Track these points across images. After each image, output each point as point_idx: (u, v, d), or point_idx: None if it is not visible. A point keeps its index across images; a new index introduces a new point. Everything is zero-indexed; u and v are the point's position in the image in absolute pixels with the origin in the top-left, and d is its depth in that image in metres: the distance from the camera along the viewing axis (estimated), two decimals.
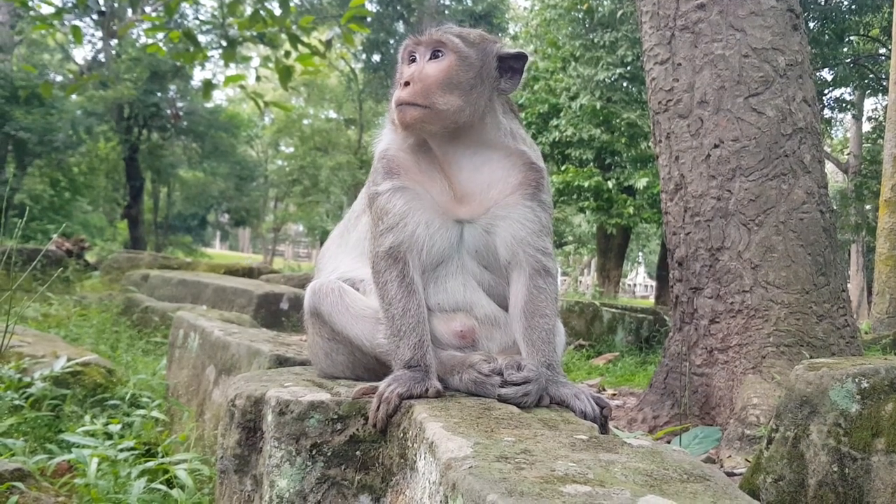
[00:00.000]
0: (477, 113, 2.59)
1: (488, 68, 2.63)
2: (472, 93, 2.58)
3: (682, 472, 1.66)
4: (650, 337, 11.58)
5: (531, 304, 2.53)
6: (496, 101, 2.66)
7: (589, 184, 20.02)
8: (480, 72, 2.61)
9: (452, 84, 2.56)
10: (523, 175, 2.60)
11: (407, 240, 2.55)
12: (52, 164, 33.40)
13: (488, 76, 2.62)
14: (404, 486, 2.05)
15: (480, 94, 2.60)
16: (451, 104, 2.54)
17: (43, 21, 8.83)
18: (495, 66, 2.63)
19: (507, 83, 2.65)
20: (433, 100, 2.53)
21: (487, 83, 2.62)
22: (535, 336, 2.50)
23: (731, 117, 5.43)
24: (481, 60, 2.62)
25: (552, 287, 2.58)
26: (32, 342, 5.83)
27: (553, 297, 2.58)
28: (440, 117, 2.54)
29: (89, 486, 3.44)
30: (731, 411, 5.07)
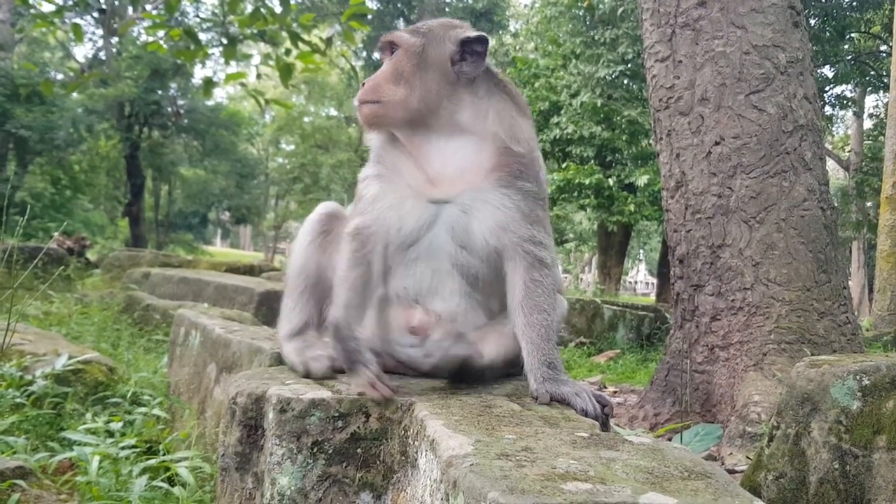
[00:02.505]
0: (431, 99, 2.55)
1: (440, 54, 2.59)
2: (420, 80, 2.56)
3: (684, 470, 1.66)
4: (651, 334, 11.58)
5: (528, 300, 2.46)
6: (478, 84, 2.62)
7: (590, 181, 20.00)
8: (429, 59, 2.59)
9: (398, 75, 2.57)
10: (497, 160, 2.52)
11: (373, 222, 2.56)
12: (53, 162, 33.39)
13: (441, 62, 2.59)
14: (405, 483, 2.06)
15: (432, 79, 2.57)
16: (397, 95, 2.54)
17: (44, 19, 8.83)
18: (454, 49, 2.59)
19: (468, 66, 2.59)
20: (381, 94, 2.55)
21: (441, 68, 2.58)
22: (534, 333, 2.44)
23: (731, 114, 5.43)
24: (431, 48, 2.60)
25: (549, 279, 2.50)
26: (34, 340, 5.83)
27: (550, 291, 2.49)
28: (390, 109, 2.55)
29: (91, 483, 3.44)
30: (732, 409, 5.07)
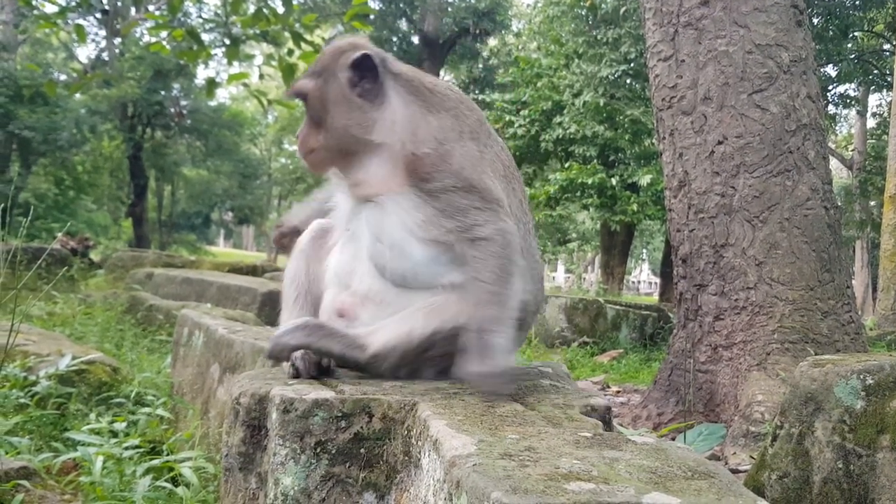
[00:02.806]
0: (345, 134, 2.60)
1: (338, 86, 2.63)
2: (331, 120, 2.62)
3: (687, 469, 1.66)
4: (654, 334, 11.58)
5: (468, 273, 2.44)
6: (386, 95, 2.63)
7: (592, 181, 19.98)
8: (330, 96, 2.63)
9: (313, 122, 2.66)
10: (406, 166, 2.53)
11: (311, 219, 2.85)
12: (57, 163, 33.46)
13: (341, 93, 2.62)
14: (409, 483, 2.06)
15: (340, 114, 2.61)
16: (318, 142, 2.65)
17: (47, 20, 8.84)
18: (349, 75, 2.61)
19: (367, 84, 2.61)
20: (307, 145, 2.67)
21: (343, 100, 2.62)
22: (472, 298, 2.42)
23: (734, 114, 5.42)
24: (329, 84, 2.64)
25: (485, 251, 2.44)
26: (37, 340, 5.84)
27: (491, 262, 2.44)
28: (319, 156, 2.67)
29: (95, 483, 3.45)
30: (735, 408, 5.07)
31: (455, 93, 2.72)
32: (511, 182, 2.64)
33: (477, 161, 2.53)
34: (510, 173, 2.66)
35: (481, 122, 2.67)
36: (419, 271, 2.54)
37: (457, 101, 2.67)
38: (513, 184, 2.65)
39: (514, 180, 2.67)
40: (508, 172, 2.65)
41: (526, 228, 2.65)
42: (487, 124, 2.70)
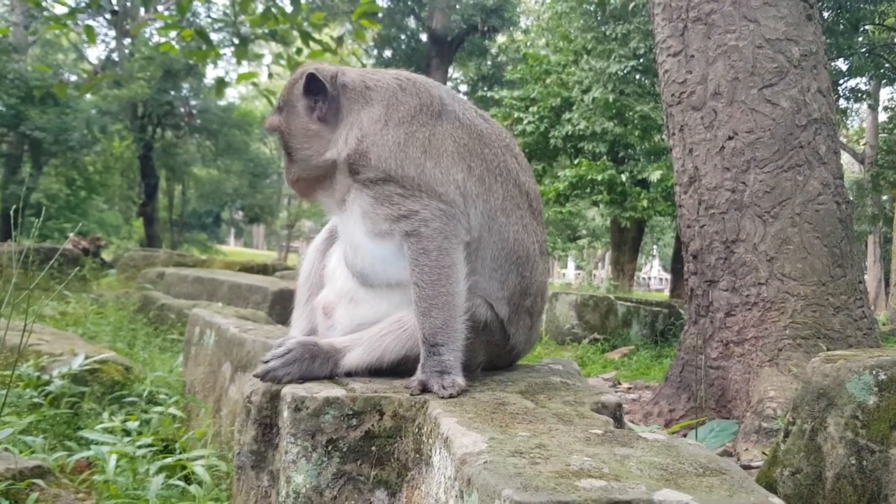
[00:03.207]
0: (310, 162, 2.74)
1: (297, 115, 2.74)
2: (297, 150, 2.75)
3: (698, 466, 1.65)
4: (665, 330, 11.55)
5: (411, 275, 2.48)
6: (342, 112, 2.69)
7: (602, 177, 19.92)
8: (293, 126, 2.75)
9: (287, 155, 2.81)
10: (349, 169, 2.61)
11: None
12: (68, 164, 33.59)
13: (301, 122, 2.73)
14: (420, 480, 2.06)
15: (302, 143, 2.74)
16: (295, 173, 2.81)
17: (56, 21, 8.87)
18: (305, 102, 2.71)
19: (322, 105, 2.69)
20: (290, 176, 2.83)
21: (303, 128, 2.73)
22: (416, 309, 2.46)
23: (745, 109, 5.41)
24: (289, 115, 2.76)
25: (414, 250, 2.48)
26: (51, 340, 5.87)
27: (418, 262, 2.47)
28: (300, 186, 2.85)
29: (108, 482, 3.46)
30: (747, 404, 5.05)
31: (397, 81, 2.72)
32: (469, 159, 2.63)
33: (399, 148, 2.56)
34: (468, 150, 2.64)
35: (423, 104, 2.66)
36: (376, 268, 2.61)
37: (395, 89, 2.68)
38: (471, 160, 2.63)
39: (474, 157, 2.64)
40: (465, 150, 2.63)
41: (489, 204, 2.63)
42: (438, 104, 2.68)
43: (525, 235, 2.70)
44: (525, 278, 2.69)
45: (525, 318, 2.76)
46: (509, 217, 2.66)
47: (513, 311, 2.69)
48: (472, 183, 2.60)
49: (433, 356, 2.40)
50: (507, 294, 2.66)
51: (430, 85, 2.76)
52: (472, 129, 2.70)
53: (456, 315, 2.45)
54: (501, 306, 2.66)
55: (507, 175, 2.71)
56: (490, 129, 2.77)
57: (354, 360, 2.54)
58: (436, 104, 2.68)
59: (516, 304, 2.70)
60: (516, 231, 2.67)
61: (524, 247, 2.69)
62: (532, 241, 2.72)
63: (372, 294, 2.66)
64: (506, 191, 2.68)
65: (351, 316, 2.69)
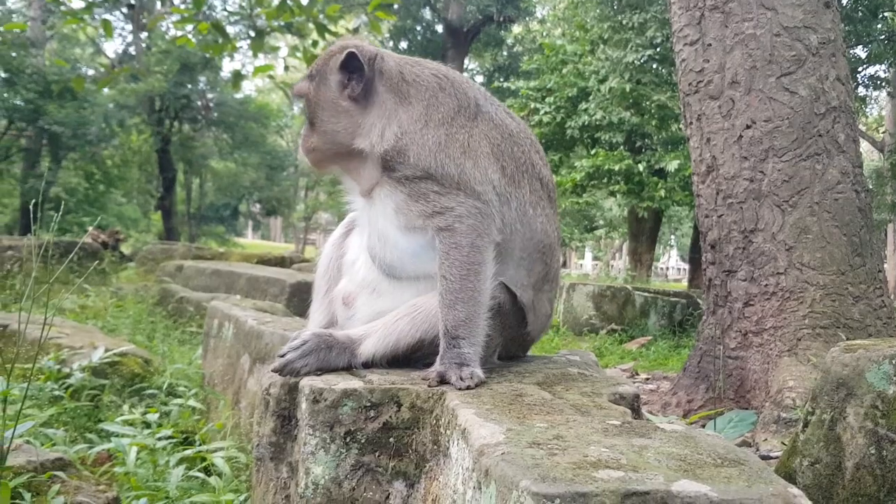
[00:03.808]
0: (334, 137, 2.73)
1: (328, 88, 2.72)
2: (321, 122, 2.75)
3: (716, 457, 1.65)
4: (683, 320, 11.52)
5: (440, 269, 2.51)
6: (374, 95, 2.69)
7: (619, 167, 19.83)
8: (321, 98, 2.74)
9: (309, 123, 2.81)
10: (382, 163, 2.63)
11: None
12: (86, 158, 33.76)
13: (331, 96, 2.72)
14: (438, 472, 2.07)
15: (329, 117, 2.73)
16: (313, 142, 2.79)
17: (74, 16, 8.92)
18: (339, 78, 2.69)
19: (355, 85, 2.67)
20: (306, 145, 2.82)
21: (332, 103, 2.72)
22: (441, 300, 2.48)
23: (763, 97, 5.37)
24: (321, 87, 2.75)
25: (446, 244, 2.51)
26: (71, 333, 5.92)
27: (448, 256, 2.50)
28: (316, 155, 2.82)
29: (129, 474, 3.50)
30: (766, 394, 5.03)
31: (436, 79, 2.74)
32: (502, 159, 2.67)
33: (439, 148, 2.58)
34: (501, 150, 2.69)
35: (462, 106, 2.68)
36: (405, 261, 2.63)
37: (435, 88, 2.70)
38: (503, 160, 2.67)
39: (506, 156, 2.69)
40: (499, 150, 2.68)
41: (520, 200, 2.68)
42: (474, 106, 2.71)
43: (549, 226, 2.77)
44: (547, 265, 2.77)
45: (545, 304, 2.83)
46: (536, 210, 2.73)
47: (536, 296, 2.75)
48: (506, 182, 2.66)
49: (453, 348, 2.41)
50: (532, 281, 2.72)
51: (466, 86, 2.78)
52: (504, 129, 2.75)
53: (479, 311, 2.48)
54: (527, 292, 2.71)
55: (533, 171, 2.78)
56: (518, 128, 2.83)
57: (370, 348, 2.55)
58: (472, 106, 2.71)
59: (539, 289, 2.76)
60: (542, 223, 2.73)
61: (548, 236, 2.76)
62: (553, 230, 2.80)
63: (395, 285, 2.69)
64: (532, 186, 2.75)
65: (372, 306, 2.71)
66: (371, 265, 2.73)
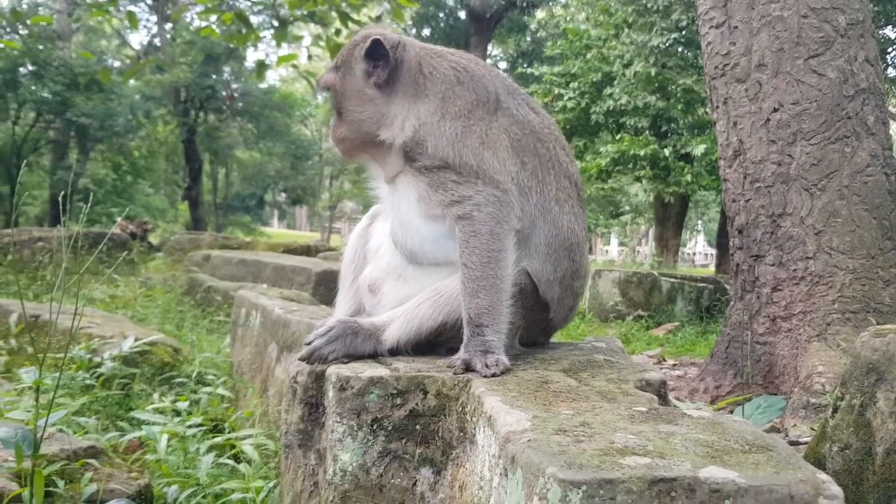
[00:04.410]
0: (359, 127, 2.75)
1: (354, 77, 2.74)
2: (347, 112, 2.76)
3: (744, 443, 1.64)
4: (711, 306, 11.44)
5: (460, 257, 2.53)
6: (398, 85, 2.70)
7: (645, 152, 19.67)
8: (347, 88, 2.76)
9: (336, 113, 2.82)
10: (400, 154, 2.66)
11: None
12: (114, 149, 34.00)
13: (357, 85, 2.74)
14: (464, 459, 2.07)
15: (355, 107, 2.74)
16: (341, 132, 2.81)
17: (99, 8, 8.98)
18: (364, 66, 2.71)
19: (380, 72, 2.69)
20: (335, 135, 2.83)
21: (358, 92, 2.74)
22: (463, 289, 2.50)
23: (790, 80, 5.31)
24: (347, 77, 2.76)
25: (465, 232, 2.52)
26: (101, 323, 5.99)
27: (468, 244, 2.51)
28: (344, 145, 2.84)
29: (160, 461, 3.54)
30: (795, 380, 5.00)
31: (455, 72, 2.74)
32: (522, 154, 2.68)
33: (457, 139, 2.58)
34: (522, 146, 2.69)
35: (480, 101, 2.68)
36: (426, 248, 2.67)
37: (452, 82, 2.70)
38: (524, 156, 2.69)
39: (527, 153, 2.70)
40: (519, 146, 2.69)
41: (543, 196, 2.69)
42: (494, 100, 2.71)
43: (576, 224, 2.78)
44: (575, 262, 2.77)
45: (570, 298, 2.83)
46: (562, 207, 2.73)
47: (563, 292, 2.76)
48: (526, 176, 2.67)
49: (477, 336, 2.42)
50: (559, 276, 2.72)
51: (486, 79, 2.77)
52: (527, 125, 2.75)
53: (502, 298, 2.48)
54: (553, 287, 2.72)
55: (559, 168, 2.78)
56: (542, 123, 2.82)
57: (395, 334, 2.58)
58: (492, 100, 2.71)
59: (567, 285, 2.77)
60: (569, 220, 2.74)
61: (575, 234, 2.76)
62: (581, 228, 2.81)
63: (420, 271, 2.72)
64: (559, 183, 2.75)
65: (398, 292, 2.74)
66: (395, 251, 2.77)
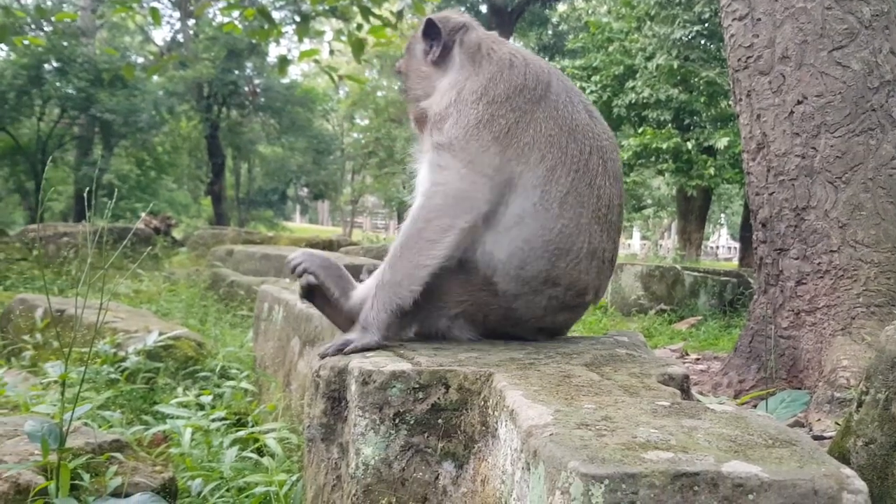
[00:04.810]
0: (419, 102, 2.92)
1: (415, 56, 2.98)
2: (412, 91, 3.00)
3: (768, 437, 1.64)
4: (734, 300, 11.38)
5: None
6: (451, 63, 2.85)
7: (667, 145, 19.57)
8: (412, 66, 3.00)
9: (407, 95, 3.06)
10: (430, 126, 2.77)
11: None
12: (138, 144, 34.29)
13: (417, 63, 2.97)
14: (486, 453, 2.08)
15: (416, 83, 2.97)
16: (411, 110, 3.02)
17: (123, 4, 9.04)
18: (423, 46, 2.92)
19: (434, 51, 2.88)
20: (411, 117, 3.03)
21: (418, 69, 2.96)
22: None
23: (814, 72, 5.26)
24: (412, 57, 3.01)
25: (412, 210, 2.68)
26: (125, 318, 6.05)
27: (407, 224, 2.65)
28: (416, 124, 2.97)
29: (184, 455, 3.57)
30: (819, 374, 4.96)
31: (511, 56, 2.79)
32: (545, 149, 2.66)
33: (474, 126, 2.63)
34: (549, 140, 2.66)
35: (526, 86, 2.70)
36: None
37: (505, 63, 2.75)
38: (547, 150, 2.66)
39: (553, 147, 2.66)
40: (545, 139, 2.66)
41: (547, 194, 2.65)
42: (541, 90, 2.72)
43: (577, 233, 2.69)
44: (557, 268, 2.68)
45: (542, 300, 2.74)
46: (564, 210, 2.66)
47: (526, 290, 2.70)
48: (542, 171, 2.64)
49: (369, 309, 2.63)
50: (525, 275, 2.67)
51: (541, 69, 2.79)
52: (565, 121, 2.71)
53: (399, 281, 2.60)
54: (511, 283, 2.68)
55: (584, 173, 2.70)
56: (588, 126, 2.77)
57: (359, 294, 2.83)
58: (539, 89, 2.71)
59: (534, 288, 2.70)
60: (565, 225, 2.66)
61: (569, 241, 2.68)
62: (583, 242, 2.71)
63: None
64: (573, 186, 2.68)
65: None
66: None
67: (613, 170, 2.82)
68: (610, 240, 2.83)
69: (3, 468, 2.69)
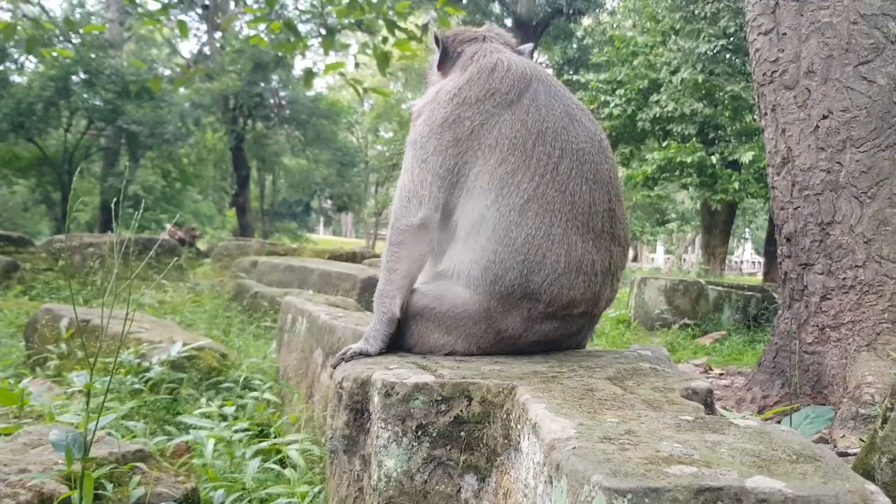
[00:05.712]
0: None
1: (433, 67, 3.15)
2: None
3: (792, 453, 1.63)
4: (758, 315, 11.28)
5: None
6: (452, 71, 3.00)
7: (692, 159, 19.49)
8: (430, 72, 3.20)
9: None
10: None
11: None
12: (163, 156, 34.61)
13: (432, 69, 3.17)
14: (509, 466, 2.08)
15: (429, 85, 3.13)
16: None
17: (150, 17, 9.14)
18: (436, 56, 3.10)
19: (435, 59, 3.11)
20: None
21: (431, 74, 3.18)
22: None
23: (839, 87, 5.24)
24: (431, 64, 3.19)
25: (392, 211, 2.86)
26: (150, 328, 6.09)
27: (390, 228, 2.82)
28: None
29: (206, 465, 3.59)
30: (844, 390, 4.92)
31: (495, 62, 2.84)
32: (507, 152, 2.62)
33: (439, 124, 2.73)
34: (513, 144, 2.62)
35: (498, 91, 2.74)
36: None
37: (487, 69, 2.81)
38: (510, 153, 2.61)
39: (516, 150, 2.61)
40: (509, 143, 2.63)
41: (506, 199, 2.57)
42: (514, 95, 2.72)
43: (548, 244, 2.58)
44: (530, 282, 2.58)
45: (522, 312, 2.64)
46: (525, 217, 2.57)
47: (500, 303, 2.63)
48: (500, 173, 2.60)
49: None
50: (497, 290, 2.61)
51: (522, 74, 2.77)
52: (535, 124, 2.64)
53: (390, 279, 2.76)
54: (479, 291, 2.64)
55: (552, 178, 2.60)
56: (563, 129, 2.66)
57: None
58: (513, 93, 2.72)
59: (510, 303, 2.62)
60: (531, 235, 2.56)
61: (539, 253, 2.57)
62: (558, 254, 2.59)
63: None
64: (537, 192, 2.58)
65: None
66: None
67: (595, 173, 2.67)
68: (600, 249, 2.67)
69: (28, 477, 2.72)
